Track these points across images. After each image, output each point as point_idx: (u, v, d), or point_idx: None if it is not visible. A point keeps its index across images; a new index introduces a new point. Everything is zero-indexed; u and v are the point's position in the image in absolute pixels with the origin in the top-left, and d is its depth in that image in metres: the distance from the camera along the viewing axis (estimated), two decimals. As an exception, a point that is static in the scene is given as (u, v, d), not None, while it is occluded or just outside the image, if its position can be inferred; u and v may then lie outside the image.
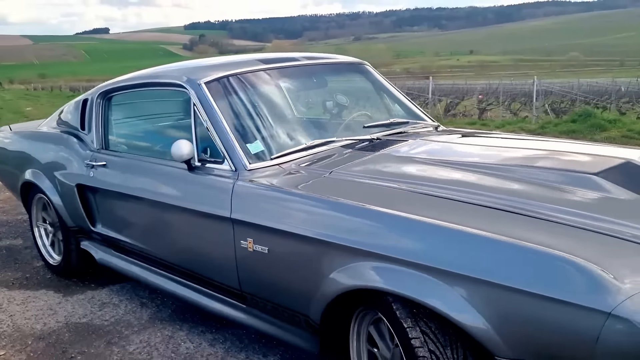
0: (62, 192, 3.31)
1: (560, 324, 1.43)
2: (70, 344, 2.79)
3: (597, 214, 1.68)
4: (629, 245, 1.53)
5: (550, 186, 1.91)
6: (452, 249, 1.63)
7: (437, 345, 1.66)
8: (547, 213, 1.70)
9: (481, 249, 1.59)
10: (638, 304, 1.33)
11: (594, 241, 1.56)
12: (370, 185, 2.08)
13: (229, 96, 2.58)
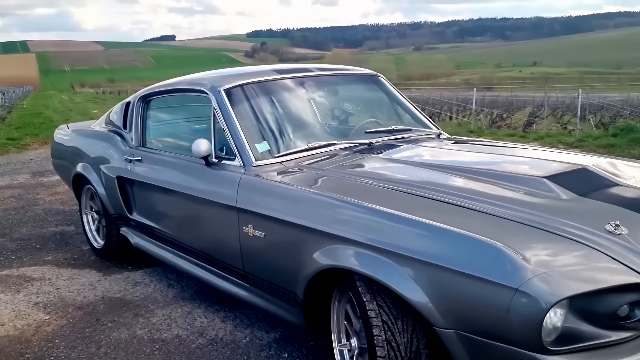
0: (105, 183, 3.77)
1: (481, 297, 1.69)
2: (103, 314, 3.21)
3: (533, 209, 1.94)
4: (547, 235, 1.78)
5: (504, 186, 2.17)
6: (404, 235, 1.92)
7: (389, 316, 1.94)
8: (490, 208, 1.96)
9: (425, 236, 1.87)
10: (541, 281, 1.59)
11: (518, 230, 1.82)
12: (351, 181, 2.39)
13: (244, 102, 2.94)
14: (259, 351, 2.74)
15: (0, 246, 4.48)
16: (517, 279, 1.61)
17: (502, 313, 1.65)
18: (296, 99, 3.15)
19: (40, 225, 5.08)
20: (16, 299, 3.45)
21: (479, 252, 1.72)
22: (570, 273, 1.63)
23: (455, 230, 1.81)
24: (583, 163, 2.37)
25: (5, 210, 5.69)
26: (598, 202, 2.01)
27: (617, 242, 1.74)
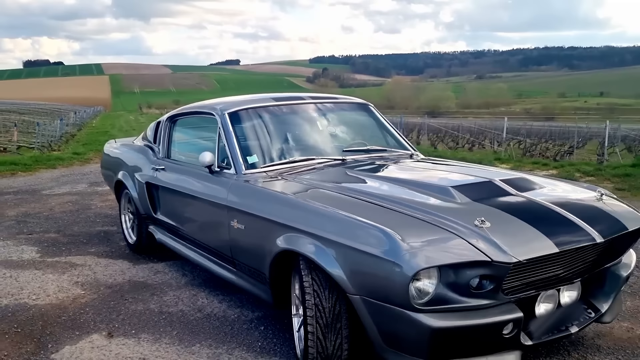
0: (138, 188, 4.55)
1: (374, 270, 2.29)
2: (127, 292, 3.95)
3: (430, 208, 2.52)
4: (428, 225, 2.36)
5: (420, 191, 2.75)
6: (329, 225, 2.54)
7: (319, 287, 2.55)
8: (399, 207, 2.56)
9: (342, 225, 2.49)
10: (410, 256, 2.17)
11: (409, 222, 2.41)
12: (311, 187, 3.02)
13: (243, 123, 3.65)
14: (242, 324, 3.39)
15: (55, 240, 5.34)
16: (394, 254, 2.20)
17: (386, 281, 2.24)
18: (286, 121, 3.83)
19: (90, 225, 5.94)
20: (61, 278, 4.24)
21: (374, 236, 2.32)
22: (433, 252, 2.21)
23: (362, 220, 2.42)
24: (492, 178, 2.91)
25: (62, 212, 6.61)
26: (482, 205, 2.56)
27: (477, 232, 2.30)
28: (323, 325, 2.51)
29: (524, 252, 2.26)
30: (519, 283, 2.39)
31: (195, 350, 3.07)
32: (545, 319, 2.53)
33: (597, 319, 2.76)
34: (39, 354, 3.03)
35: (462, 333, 2.25)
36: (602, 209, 2.75)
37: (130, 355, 3.02)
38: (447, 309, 2.24)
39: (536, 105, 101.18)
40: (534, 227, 2.40)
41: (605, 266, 2.78)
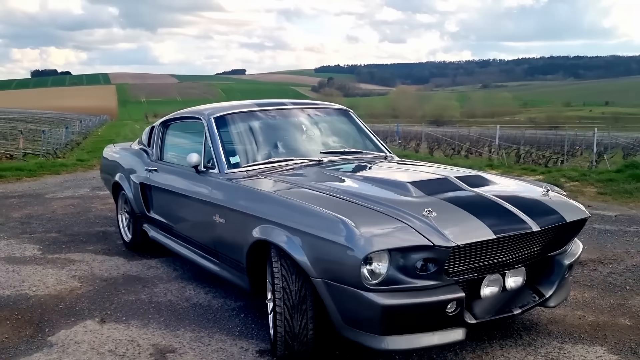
0: (133, 189, 4.85)
1: (333, 254, 2.57)
2: (121, 284, 4.24)
3: (386, 201, 2.79)
4: (381, 215, 2.64)
5: (382, 187, 3.04)
6: (295, 216, 2.83)
7: (287, 272, 2.82)
8: (359, 200, 2.83)
9: (306, 216, 2.77)
10: (362, 242, 2.44)
11: (365, 213, 2.68)
12: (284, 184, 3.30)
13: (227, 127, 3.95)
14: (224, 312, 3.67)
15: (56, 239, 5.64)
16: (349, 240, 2.49)
17: (342, 264, 2.52)
18: (267, 125, 4.12)
19: (89, 226, 6.24)
20: (60, 272, 4.53)
21: (333, 224, 2.60)
22: (382, 237, 2.48)
23: (324, 211, 2.70)
24: (448, 175, 3.19)
25: (64, 214, 6.93)
26: (434, 198, 2.83)
27: (424, 221, 2.57)
28: (290, 306, 2.79)
29: (462, 238, 2.54)
30: (463, 267, 2.67)
31: (179, 333, 3.35)
32: (490, 301, 2.79)
33: (541, 303, 3.02)
34: (37, 337, 3.32)
35: (409, 310, 2.52)
36: (543, 202, 3.02)
37: (120, 337, 3.30)
38: (397, 289, 2.52)
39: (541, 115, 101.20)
40: (476, 216, 2.67)
41: (550, 255, 3.05)
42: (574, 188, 8.31)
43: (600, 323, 3.45)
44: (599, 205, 7.22)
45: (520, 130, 29.93)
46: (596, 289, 4.07)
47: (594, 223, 6.13)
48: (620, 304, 3.77)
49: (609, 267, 4.58)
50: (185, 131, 4.62)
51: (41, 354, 3.09)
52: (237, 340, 3.25)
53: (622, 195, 7.60)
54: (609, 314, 3.59)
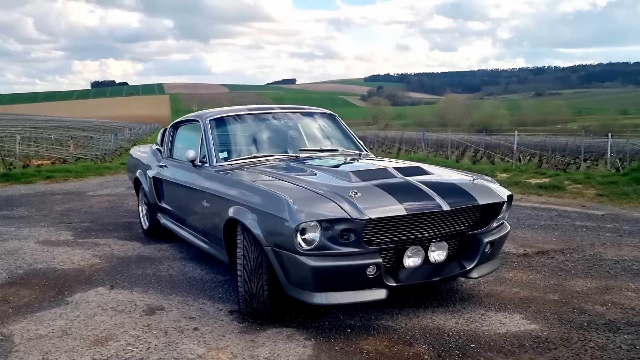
0: (148, 183, 5.61)
1: (278, 226, 3.19)
2: (133, 262, 4.99)
3: (327, 186, 3.39)
4: (317, 195, 3.25)
5: (332, 174, 3.65)
6: (253, 197, 3.48)
7: (247, 243, 3.46)
8: (307, 185, 3.45)
9: (261, 196, 3.42)
10: (296, 215, 3.06)
11: (305, 193, 3.29)
12: (256, 174, 3.95)
13: (220, 127, 4.65)
14: (212, 284, 4.35)
15: (88, 227, 6.49)
16: (286, 214, 3.11)
17: (282, 233, 3.15)
18: (255, 126, 4.80)
19: (118, 218, 7.08)
20: (85, 252, 5.33)
21: (278, 202, 3.24)
22: (311, 211, 3.09)
23: (273, 192, 3.34)
24: (387, 166, 3.78)
25: (99, 208, 7.81)
26: (366, 183, 3.41)
27: (349, 199, 3.17)
28: (249, 271, 3.43)
29: (376, 213, 3.12)
30: (385, 239, 3.25)
31: (171, 297, 4.05)
32: (413, 269, 3.35)
33: (463, 274, 3.55)
34: (57, 297, 4.08)
35: (335, 271, 3.12)
36: (460, 187, 3.56)
37: (122, 299, 4.03)
38: (326, 254, 3.13)
39: (595, 122, 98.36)
40: (394, 197, 3.25)
41: (473, 233, 3.58)
42: (575, 190, 8.64)
43: (530, 298, 3.94)
44: (592, 205, 7.55)
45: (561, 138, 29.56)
46: (543, 273, 4.53)
47: (576, 220, 6.52)
48: (557, 284, 4.24)
49: (567, 256, 5.01)
50: (189, 132, 5.34)
51: (58, 308, 3.84)
52: (215, 304, 3.92)
53: (619, 197, 7.89)
54: (542, 292, 4.07)
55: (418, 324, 3.47)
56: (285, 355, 3.06)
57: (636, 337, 3.25)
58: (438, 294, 4.02)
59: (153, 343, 3.25)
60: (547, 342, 3.19)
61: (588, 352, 3.06)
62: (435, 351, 3.09)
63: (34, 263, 4.97)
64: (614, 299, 3.89)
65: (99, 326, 3.51)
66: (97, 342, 3.27)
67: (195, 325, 3.51)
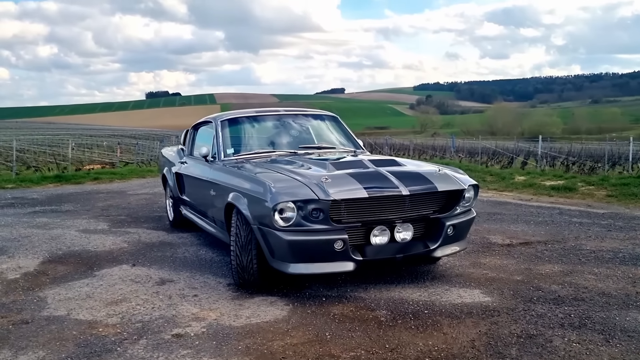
0: (172, 178, 6.31)
1: (262, 207, 3.77)
2: (155, 246, 5.67)
3: (308, 174, 3.93)
4: (294, 181, 3.80)
5: (315, 164, 4.21)
6: (245, 183, 4.07)
7: (239, 222, 4.06)
8: (291, 174, 4.01)
9: (250, 182, 4.01)
10: (274, 197, 3.63)
11: (285, 179, 3.86)
12: (254, 166, 4.53)
13: (229, 127, 5.28)
14: (218, 263, 4.97)
15: (123, 220, 7.25)
16: (267, 195, 3.69)
17: (264, 213, 3.73)
18: (261, 126, 5.42)
19: (151, 212, 7.84)
20: (117, 239, 6.06)
21: (262, 186, 3.82)
22: (286, 194, 3.65)
23: (259, 178, 3.93)
24: (364, 159, 4.31)
25: (136, 205, 8.61)
26: (339, 172, 3.94)
27: (320, 184, 3.70)
28: (240, 246, 4.02)
29: (340, 195, 3.65)
30: (353, 218, 3.77)
31: (181, 273, 4.69)
32: (380, 247, 3.86)
33: (426, 253, 4.03)
34: (87, 272, 4.78)
35: (307, 244, 3.67)
36: (423, 175, 4.05)
37: (140, 273, 4.69)
38: (300, 230, 3.68)
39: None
40: (360, 183, 3.77)
41: (438, 217, 4.06)
42: (586, 191, 8.87)
43: (496, 278, 4.37)
44: (598, 205, 7.81)
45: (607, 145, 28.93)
46: (518, 259, 4.94)
47: (573, 217, 6.83)
48: (527, 268, 4.64)
49: (547, 246, 5.39)
50: (207, 132, 6.00)
51: (86, 279, 4.54)
52: (218, 278, 4.53)
53: (628, 198, 8.10)
54: (509, 274, 4.49)
55: (386, 296, 3.97)
56: (264, 315, 3.63)
57: (574, 309, 3.66)
58: (413, 273, 4.51)
59: (157, 304, 3.88)
60: (493, 311, 3.64)
61: (525, 319, 3.49)
62: (392, 315, 3.59)
63: (72, 246, 5.72)
64: (573, 280, 4.28)
65: (117, 292, 4.18)
66: (113, 302, 3.93)
67: (196, 293, 4.13)
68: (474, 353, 3.01)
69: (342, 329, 3.37)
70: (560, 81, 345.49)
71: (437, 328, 3.36)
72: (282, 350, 3.08)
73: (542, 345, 3.08)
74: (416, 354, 3.01)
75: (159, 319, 3.60)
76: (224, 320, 3.56)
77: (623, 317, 3.51)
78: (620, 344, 3.10)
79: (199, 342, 3.21)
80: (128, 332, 3.37)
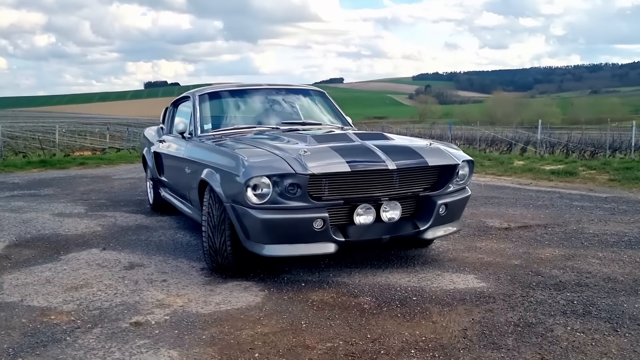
0: (151, 159, 5.95)
1: (234, 183, 3.42)
2: (131, 230, 5.33)
3: (287, 148, 3.57)
4: (270, 154, 3.45)
5: (295, 137, 3.86)
6: (220, 159, 3.72)
7: (212, 200, 3.71)
8: (269, 148, 3.65)
9: (224, 157, 3.66)
10: (247, 171, 3.29)
11: (260, 153, 3.50)
12: (232, 142, 4.17)
13: (208, 102, 4.92)
14: (193, 247, 4.63)
15: (102, 204, 6.90)
16: (239, 170, 3.34)
17: (237, 189, 3.38)
18: (242, 101, 5.06)
19: (133, 196, 7.49)
20: (91, 222, 5.72)
21: (235, 160, 3.47)
22: (260, 168, 3.31)
23: (232, 152, 3.58)
24: (348, 132, 3.95)
25: (119, 189, 8.26)
26: (321, 145, 3.59)
27: (297, 158, 3.35)
28: (212, 227, 3.68)
29: (320, 169, 3.30)
30: (334, 195, 3.42)
31: (153, 257, 4.34)
32: (364, 227, 3.51)
33: (416, 234, 3.69)
34: (53, 256, 4.44)
35: (283, 223, 3.33)
36: (412, 149, 3.69)
37: (109, 257, 4.35)
38: (275, 208, 3.34)
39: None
40: (342, 157, 3.41)
41: (429, 194, 3.71)
42: (587, 175, 8.53)
43: (492, 262, 4.04)
44: (600, 189, 7.47)
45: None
46: (516, 243, 4.61)
47: (574, 201, 6.49)
48: (525, 252, 4.31)
49: (548, 230, 5.05)
50: (186, 108, 5.64)
51: (50, 264, 4.19)
52: (191, 262, 4.19)
53: (631, 181, 7.77)
54: (506, 258, 4.16)
55: (371, 281, 3.63)
56: (236, 302, 3.30)
57: (578, 295, 3.32)
58: (403, 257, 4.17)
59: (121, 290, 3.54)
60: (488, 297, 3.30)
61: (524, 306, 3.16)
62: (377, 302, 3.26)
63: (42, 230, 5.38)
64: (575, 265, 3.95)
65: (80, 277, 3.84)
66: (73, 288, 3.59)
67: (165, 278, 3.79)
68: (465, 343, 2.67)
69: (320, 317, 3.03)
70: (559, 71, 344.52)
71: (426, 316, 3.03)
72: (250, 341, 2.74)
73: (542, 335, 2.75)
74: (400, 344, 2.68)
75: (119, 305, 3.26)
76: (191, 307, 3.22)
77: (631, 303, 3.17)
78: (629, 333, 2.77)
79: (159, 331, 2.88)
80: (83, 320, 3.04)
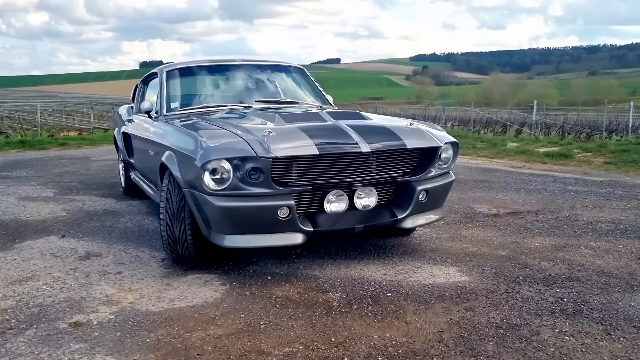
0: (121, 139, 5.61)
1: (192, 167, 3.08)
2: (97, 215, 5.01)
3: (251, 128, 3.23)
4: (231, 135, 3.11)
5: (261, 116, 3.52)
6: (179, 140, 3.39)
7: (171, 185, 3.38)
8: (232, 128, 3.31)
9: (183, 138, 3.32)
10: (204, 154, 2.96)
11: (221, 133, 3.16)
12: (200, 121, 3.82)
13: (176, 78, 4.57)
14: (157, 234, 4.30)
15: (73, 187, 6.57)
16: (196, 152, 3.01)
17: (194, 173, 3.05)
18: (212, 77, 4.70)
19: (108, 179, 7.15)
20: (56, 207, 5.39)
21: (193, 142, 3.13)
22: (220, 150, 2.97)
23: (191, 133, 3.24)
24: (321, 112, 3.62)
25: (95, 171, 7.92)
26: (289, 125, 3.25)
27: (260, 139, 3.02)
28: (171, 214, 3.35)
29: (284, 152, 2.97)
30: (302, 181, 3.10)
31: (114, 246, 4.03)
32: (336, 216, 3.20)
33: (394, 223, 3.37)
34: (7, 244, 4.11)
35: (244, 211, 3.01)
36: (390, 130, 3.35)
37: (66, 246, 4.03)
38: (236, 194, 3.01)
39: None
40: (310, 138, 3.08)
41: (406, 180, 3.38)
42: (583, 158, 8.22)
43: (477, 253, 3.74)
44: (595, 172, 7.17)
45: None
46: (504, 231, 4.30)
47: (568, 185, 6.19)
48: (513, 241, 4.01)
49: (538, 216, 4.75)
50: (156, 86, 5.29)
51: (1, 253, 3.88)
52: (153, 252, 3.88)
53: (627, 165, 7.46)
54: (492, 248, 3.85)
55: (343, 274, 3.33)
56: (192, 298, 2.99)
57: (568, 291, 3.03)
58: (381, 248, 3.87)
59: (69, 284, 3.23)
60: (470, 293, 3.00)
61: (508, 303, 2.86)
62: (347, 298, 2.96)
63: (3, 215, 5.05)
64: (566, 256, 3.65)
65: (28, 268, 3.52)
66: (17, 282, 3.28)
67: (120, 270, 3.48)
68: (440, 349, 2.38)
69: (281, 317, 2.73)
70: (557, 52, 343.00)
71: (399, 316, 2.73)
72: (200, 345, 2.44)
73: (527, 339, 2.45)
74: (367, 350, 2.38)
75: (62, 302, 2.95)
76: (141, 304, 2.92)
77: (627, 301, 2.88)
78: (623, 337, 2.47)
79: (99, 332, 2.57)
80: (18, 320, 2.73)
